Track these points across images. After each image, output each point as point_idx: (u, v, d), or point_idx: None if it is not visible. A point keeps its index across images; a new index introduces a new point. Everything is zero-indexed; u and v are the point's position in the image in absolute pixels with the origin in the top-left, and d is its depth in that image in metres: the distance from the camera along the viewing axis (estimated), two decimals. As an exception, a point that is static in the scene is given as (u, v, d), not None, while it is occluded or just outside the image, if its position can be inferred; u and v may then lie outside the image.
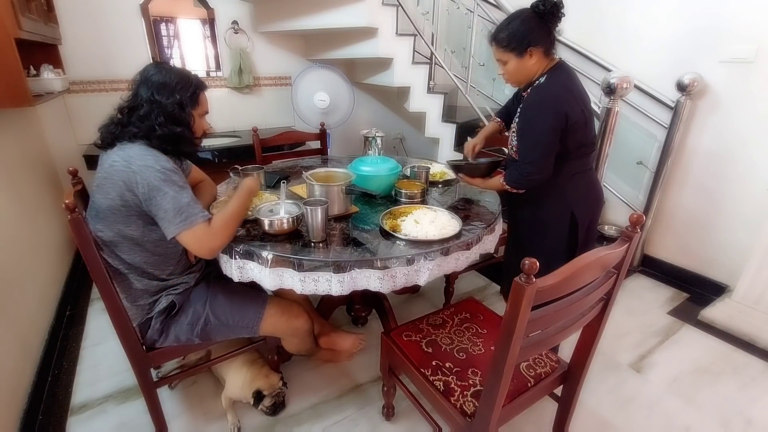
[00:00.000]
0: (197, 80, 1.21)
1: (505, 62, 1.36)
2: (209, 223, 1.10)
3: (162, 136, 1.13)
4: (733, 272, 2.12)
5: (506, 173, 1.41)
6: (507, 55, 1.33)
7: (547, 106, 1.29)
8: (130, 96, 1.17)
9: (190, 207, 1.07)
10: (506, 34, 1.31)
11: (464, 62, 2.96)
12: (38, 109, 2.19)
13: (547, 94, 1.32)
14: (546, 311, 0.83)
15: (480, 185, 1.53)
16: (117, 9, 2.47)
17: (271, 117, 3.21)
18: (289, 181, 1.75)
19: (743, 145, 2.05)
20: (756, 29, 1.91)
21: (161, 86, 1.14)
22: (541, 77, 1.35)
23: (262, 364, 1.49)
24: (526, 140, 1.35)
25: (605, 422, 1.48)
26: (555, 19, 1.28)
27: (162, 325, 1.21)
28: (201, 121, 1.26)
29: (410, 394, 1.28)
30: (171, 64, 1.23)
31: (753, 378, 1.70)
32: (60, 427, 1.42)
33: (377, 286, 1.13)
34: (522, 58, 1.31)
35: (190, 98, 1.18)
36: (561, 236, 1.42)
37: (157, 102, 1.13)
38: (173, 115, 1.14)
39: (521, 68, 1.34)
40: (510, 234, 1.65)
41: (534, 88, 1.36)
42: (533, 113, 1.33)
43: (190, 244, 1.10)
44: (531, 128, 1.33)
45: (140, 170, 1.05)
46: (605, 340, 1.70)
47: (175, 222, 1.05)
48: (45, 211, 2.00)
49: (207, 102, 1.26)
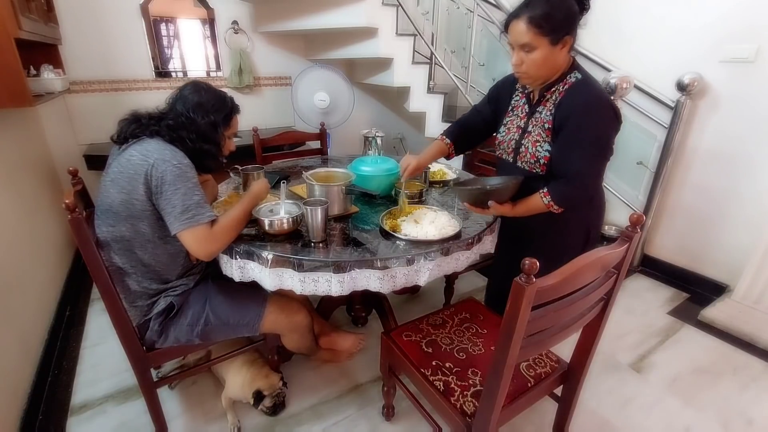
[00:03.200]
0: (232, 103, 1.27)
1: (532, 49, 1.10)
2: (212, 225, 1.11)
3: (189, 149, 1.16)
4: (733, 272, 2.12)
5: (552, 190, 1.17)
6: (539, 39, 1.07)
7: (605, 106, 1.11)
8: (166, 109, 1.20)
9: (198, 206, 1.08)
10: (543, 12, 1.05)
11: (464, 62, 2.96)
12: (38, 109, 2.19)
13: (598, 90, 1.13)
14: (546, 311, 0.83)
15: (509, 212, 1.24)
16: (117, 9, 2.47)
17: (271, 117, 3.21)
18: (289, 181, 1.76)
19: (743, 145, 2.05)
20: (756, 29, 1.91)
21: (198, 106, 1.18)
22: (572, 74, 1.17)
23: (262, 364, 1.49)
24: (585, 146, 1.13)
25: (605, 422, 1.48)
26: (586, 8, 1.12)
27: (161, 326, 1.21)
28: (230, 142, 1.32)
29: (410, 394, 1.28)
30: (208, 84, 1.26)
31: (753, 378, 1.70)
32: (60, 427, 1.42)
33: (377, 286, 1.13)
34: (555, 47, 1.09)
35: (223, 120, 1.23)
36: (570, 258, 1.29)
37: (191, 119, 1.17)
38: (205, 134, 1.19)
39: (549, 60, 1.11)
40: (503, 256, 1.48)
41: (575, 86, 1.15)
42: (590, 115, 1.12)
43: (190, 244, 1.10)
44: (590, 133, 1.12)
45: (157, 163, 1.06)
46: (605, 340, 1.70)
47: (181, 219, 1.06)
48: (45, 211, 2.00)
49: (238, 124, 1.32)
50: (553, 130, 1.19)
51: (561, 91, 1.18)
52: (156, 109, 1.21)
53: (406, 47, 2.66)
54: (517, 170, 1.31)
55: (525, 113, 1.29)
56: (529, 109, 1.28)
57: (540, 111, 1.23)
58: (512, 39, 1.13)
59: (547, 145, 1.21)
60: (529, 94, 1.29)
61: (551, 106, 1.20)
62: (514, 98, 1.35)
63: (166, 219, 1.08)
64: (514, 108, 1.34)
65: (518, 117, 1.31)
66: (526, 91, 1.30)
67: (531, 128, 1.25)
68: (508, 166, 1.35)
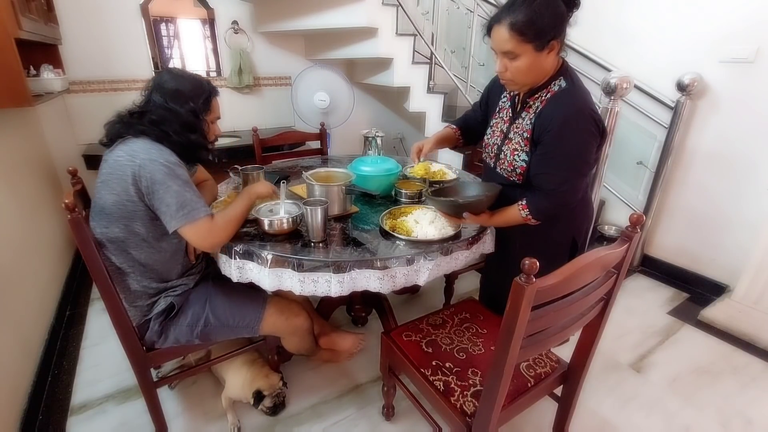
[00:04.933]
0: (210, 86, 1.23)
1: (516, 56, 1.05)
2: (212, 218, 1.11)
3: (177, 143, 1.14)
4: (733, 272, 2.12)
5: (530, 203, 1.16)
6: (522, 47, 1.02)
7: (584, 117, 1.06)
8: (143, 101, 1.18)
9: (193, 201, 1.08)
10: (526, 18, 0.99)
11: (464, 62, 2.96)
12: (38, 109, 2.19)
13: (581, 102, 1.08)
14: (546, 311, 0.83)
15: (486, 222, 1.23)
16: (117, 9, 2.47)
17: (271, 117, 3.21)
18: (289, 181, 1.75)
19: (743, 145, 2.05)
20: (756, 29, 1.91)
21: (175, 94, 1.15)
22: (557, 80, 1.12)
23: (262, 364, 1.49)
24: (563, 160, 1.10)
25: (605, 422, 1.48)
26: (576, 6, 1.04)
27: (161, 326, 1.21)
28: (213, 127, 1.28)
29: (410, 394, 1.28)
30: (183, 70, 1.24)
31: (753, 378, 1.70)
32: (60, 427, 1.42)
33: (377, 286, 1.13)
34: (540, 52, 1.04)
35: (203, 105, 1.20)
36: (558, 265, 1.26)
37: (171, 110, 1.14)
38: (188, 123, 1.16)
39: (535, 66, 1.07)
40: (491, 260, 1.46)
41: (557, 95, 1.11)
42: (570, 127, 1.07)
43: (193, 238, 1.11)
44: (569, 145, 1.08)
45: (144, 163, 1.05)
46: (605, 340, 1.70)
47: (178, 216, 1.06)
48: (45, 211, 2.00)
49: (219, 107, 1.29)
50: (531, 140, 1.17)
51: (543, 100, 1.14)
52: (133, 103, 1.18)
53: (406, 47, 2.66)
54: (496, 176, 1.31)
55: (508, 117, 1.27)
56: (512, 114, 1.26)
57: (522, 117, 1.20)
58: (494, 45, 1.08)
59: (524, 155, 1.19)
60: (514, 98, 1.27)
61: (532, 114, 1.16)
62: (501, 99, 1.33)
63: (162, 218, 1.08)
64: (500, 110, 1.33)
65: (502, 120, 1.30)
66: (513, 93, 1.27)
67: (512, 135, 1.23)
68: (489, 171, 1.35)
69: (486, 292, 1.62)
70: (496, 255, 1.39)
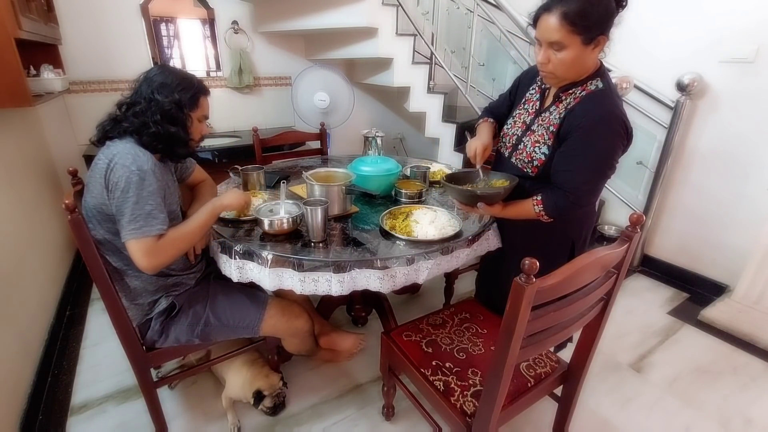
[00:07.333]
0: (200, 84, 1.21)
1: (562, 47, 1.01)
2: (159, 238, 1.06)
3: (154, 134, 1.11)
4: (733, 272, 2.12)
5: (546, 200, 1.14)
6: (571, 38, 0.99)
7: (617, 120, 1.05)
8: (131, 93, 1.17)
9: (149, 217, 1.04)
10: (580, 8, 0.96)
11: (464, 62, 2.96)
12: (38, 109, 2.18)
13: (615, 106, 1.07)
14: (546, 311, 0.83)
15: (498, 214, 1.21)
16: (117, 9, 2.47)
17: (271, 117, 3.21)
18: (289, 181, 1.75)
19: (743, 145, 2.05)
20: (756, 29, 1.91)
21: (162, 86, 1.13)
22: (594, 80, 1.10)
23: (262, 364, 1.49)
24: (589, 161, 1.08)
25: (605, 422, 1.48)
26: (623, 5, 1.03)
27: (162, 326, 1.21)
28: (200, 126, 1.24)
29: (410, 394, 1.28)
30: (175, 67, 1.23)
31: (753, 378, 1.70)
32: (60, 427, 1.42)
33: (377, 286, 1.13)
34: (587, 47, 1.01)
35: (189, 100, 1.17)
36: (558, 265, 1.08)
37: (155, 100, 1.12)
38: (169, 113, 1.13)
39: (579, 61, 1.03)
40: (489, 261, 1.46)
41: (593, 95, 1.09)
42: (603, 128, 1.06)
43: (133, 255, 1.05)
44: (598, 146, 1.07)
45: (115, 168, 1.04)
46: (605, 340, 1.70)
47: (128, 228, 1.03)
48: (45, 211, 2.00)
49: (208, 107, 1.25)
50: (557, 135, 1.14)
51: (577, 96, 1.11)
52: (121, 95, 1.18)
53: (406, 47, 2.66)
54: (510, 166, 1.29)
55: (534, 110, 1.24)
56: (539, 107, 1.24)
57: (551, 111, 1.17)
58: (540, 35, 1.04)
59: (545, 148, 1.17)
60: (544, 91, 1.24)
61: (563, 110, 1.14)
62: (530, 91, 1.30)
63: (117, 225, 1.05)
64: (527, 102, 1.29)
65: (527, 112, 1.27)
66: (543, 87, 1.24)
67: (536, 127, 1.21)
68: (503, 161, 1.33)
69: (482, 290, 1.62)
70: (493, 253, 1.39)
